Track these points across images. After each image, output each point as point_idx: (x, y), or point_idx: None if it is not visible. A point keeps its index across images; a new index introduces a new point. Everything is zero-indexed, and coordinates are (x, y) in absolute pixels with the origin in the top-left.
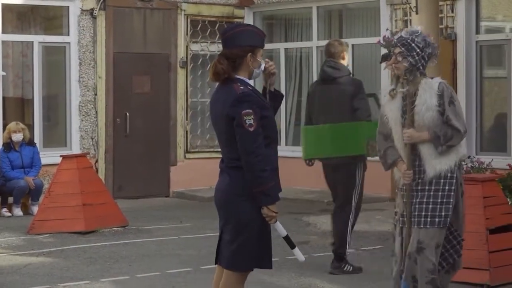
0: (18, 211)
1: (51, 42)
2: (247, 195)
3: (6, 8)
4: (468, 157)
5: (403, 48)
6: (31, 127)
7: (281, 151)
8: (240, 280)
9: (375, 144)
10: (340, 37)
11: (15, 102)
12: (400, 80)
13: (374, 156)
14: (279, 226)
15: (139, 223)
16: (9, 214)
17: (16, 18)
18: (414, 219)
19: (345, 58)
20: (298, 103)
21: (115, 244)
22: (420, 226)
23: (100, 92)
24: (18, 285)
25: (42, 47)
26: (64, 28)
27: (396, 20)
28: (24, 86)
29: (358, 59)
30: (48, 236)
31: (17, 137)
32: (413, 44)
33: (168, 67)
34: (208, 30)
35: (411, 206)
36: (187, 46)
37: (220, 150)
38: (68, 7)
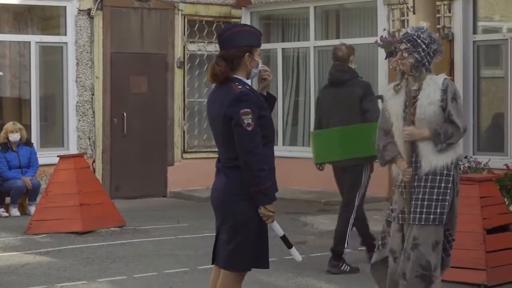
0: (15, 211)
1: (48, 42)
2: (244, 194)
3: (3, 8)
4: (465, 157)
5: (409, 44)
6: (28, 127)
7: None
8: (237, 280)
9: None
10: (337, 37)
11: (12, 102)
12: (405, 76)
13: None
14: (276, 225)
15: (136, 223)
16: (6, 214)
17: (13, 18)
18: (410, 215)
19: (352, 62)
20: (295, 103)
21: (112, 244)
22: (415, 223)
23: (97, 92)
24: (15, 285)
25: (39, 47)
26: (61, 28)
27: (393, 20)
28: (21, 86)
29: (355, 59)
30: (45, 236)
31: (14, 137)
32: (418, 40)
33: (165, 67)
34: (205, 30)
35: (410, 202)
36: (184, 46)
37: (217, 150)
38: (65, 7)
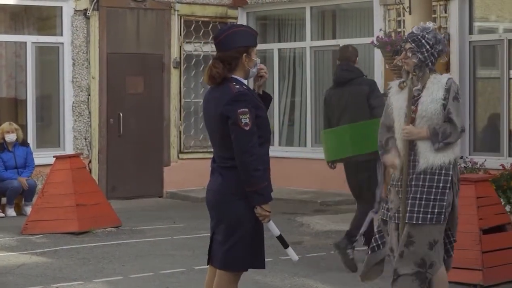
0: (11, 212)
1: (45, 43)
2: (240, 194)
3: None
4: (461, 157)
5: (413, 44)
6: (24, 128)
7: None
8: (233, 280)
9: None
10: (334, 37)
11: (8, 102)
12: (410, 75)
13: None
14: (272, 225)
15: (133, 224)
16: (2, 215)
17: (9, 18)
18: (407, 214)
19: (357, 62)
20: (291, 103)
21: (108, 244)
22: (413, 222)
23: (94, 92)
24: (12, 285)
25: (35, 47)
26: (58, 28)
27: (389, 20)
28: (17, 86)
29: None
30: (41, 236)
31: (10, 137)
32: (423, 41)
33: (162, 68)
34: (202, 31)
35: (406, 201)
36: (180, 47)
37: (213, 150)
38: (61, 7)
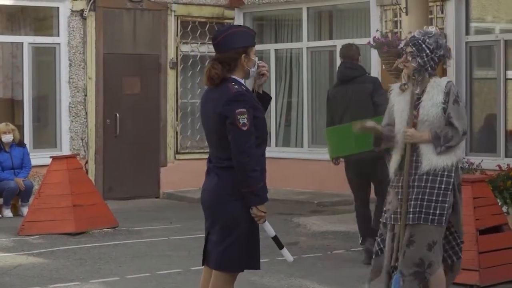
0: (8, 213)
1: (41, 43)
2: (236, 195)
3: None
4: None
5: (414, 48)
6: (21, 128)
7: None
8: (230, 280)
9: None
10: (330, 38)
11: (5, 103)
12: (410, 79)
13: None
14: (267, 226)
15: (129, 224)
16: None
17: (5, 19)
18: (409, 215)
19: (359, 60)
20: (288, 104)
21: (105, 245)
22: (415, 222)
23: (90, 93)
24: (8, 286)
25: (32, 48)
26: (54, 29)
27: (386, 21)
28: (14, 87)
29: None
30: (38, 237)
31: (7, 138)
32: (423, 45)
33: (158, 68)
34: (198, 31)
35: (407, 202)
36: (177, 47)
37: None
38: (58, 8)
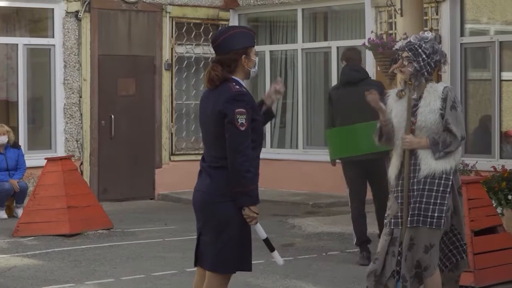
0: (2, 214)
1: (36, 45)
2: (228, 196)
3: None
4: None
5: (410, 53)
6: (15, 130)
7: (266, 153)
8: (223, 282)
9: None
10: (325, 39)
11: (0, 104)
12: (406, 84)
13: None
14: (259, 228)
15: (124, 226)
16: None
17: (0, 20)
18: (409, 218)
19: (361, 63)
20: (283, 105)
21: (100, 246)
22: (413, 225)
23: (85, 94)
24: None
25: (27, 49)
26: (49, 30)
27: (381, 22)
28: (8, 88)
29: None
30: (32, 239)
31: (1, 139)
32: (419, 50)
33: (153, 70)
34: (193, 33)
35: (408, 206)
36: (172, 49)
37: None
38: (53, 9)
